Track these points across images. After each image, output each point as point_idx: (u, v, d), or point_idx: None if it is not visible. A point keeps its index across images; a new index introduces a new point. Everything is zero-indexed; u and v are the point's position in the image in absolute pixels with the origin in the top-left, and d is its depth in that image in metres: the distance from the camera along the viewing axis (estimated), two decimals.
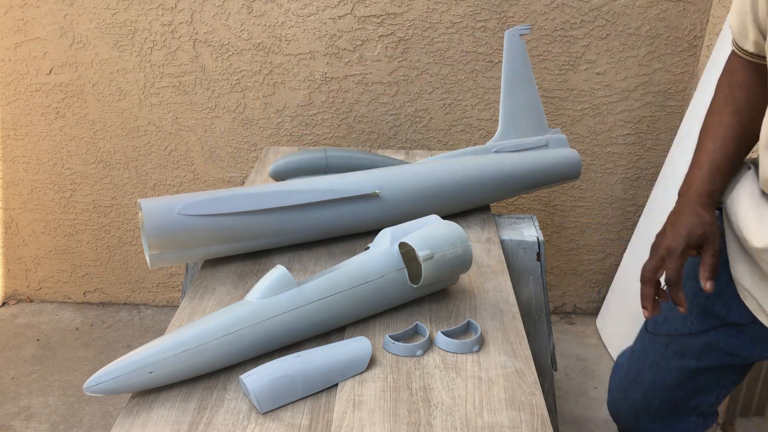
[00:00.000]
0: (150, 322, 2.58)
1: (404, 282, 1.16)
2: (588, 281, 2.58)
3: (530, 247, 1.50)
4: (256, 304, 1.05)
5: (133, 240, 2.57)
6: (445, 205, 1.51)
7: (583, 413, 2.09)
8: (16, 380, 2.23)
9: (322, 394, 1.01)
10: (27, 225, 2.57)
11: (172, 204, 1.26)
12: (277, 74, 2.29)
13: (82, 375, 2.27)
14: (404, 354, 1.08)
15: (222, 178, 2.46)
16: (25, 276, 2.67)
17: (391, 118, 2.33)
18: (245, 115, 2.35)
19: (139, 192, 2.49)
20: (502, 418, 0.95)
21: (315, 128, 2.36)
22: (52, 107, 2.38)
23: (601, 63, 2.23)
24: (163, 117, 2.37)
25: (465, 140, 2.35)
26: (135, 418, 0.96)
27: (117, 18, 2.24)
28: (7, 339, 2.45)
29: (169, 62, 2.29)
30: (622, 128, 2.32)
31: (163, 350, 0.98)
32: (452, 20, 2.19)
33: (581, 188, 2.42)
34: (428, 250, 1.13)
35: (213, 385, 1.02)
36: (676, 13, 2.16)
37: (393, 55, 2.24)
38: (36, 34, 2.28)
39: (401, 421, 0.94)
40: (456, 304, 1.23)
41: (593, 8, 2.16)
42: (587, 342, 2.44)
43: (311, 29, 2.22)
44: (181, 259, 1.30)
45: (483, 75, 2.26)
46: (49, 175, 2.48)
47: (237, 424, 0.94)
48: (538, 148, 1.66)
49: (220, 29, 2.24)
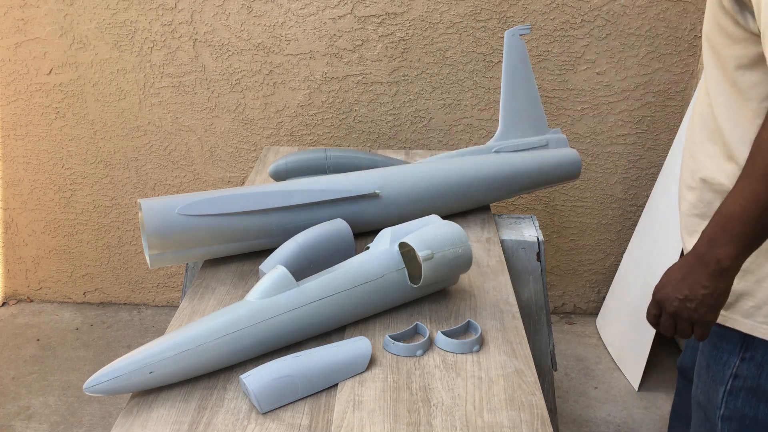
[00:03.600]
0: (150, 322, 2.58)
1: (404, 282, 1.16)
2: (588, 281, 2.58)
3: (530, 247, 1.50)
4: (256, 304, 1.05)
5: (133, 240, 2.57)
6: (445, 205, 1.51)
7: (583, 413, 2.09)
8: (16, 380, 2.23)
9: (322, 394, 1.00)
10: (27, 225, 2.57)
11: (172, 204, 1.26)
12: (277, 74, 2.29)
13: (82, 375, 2.27)
14: (404, 354, 1.08)
15: (222, 178, 2.46)
16: (25, 276, 2.67)
17: (391, 118, 2.33)
18: (245, 115, 2.35)
19: (139, 192, 2.49)
20: (502, 418, 0.95)
21: (315, 128, 2.36)
22: (52, 107, 2.38)
23: (601, 63, 2.23)
24: (163, 117, 2.37)
25: (465, 140, 2.35)
26: (135, 418, 0.96)
27: (117, 18, 2.24)
28: (7, 339, 2.45)
29: (169, 62, 2.29)
30: (622, 128, 2.32)
31: (163, 350, 0.98)
32: (452, 20, 2.19)
33: (581, 188, 2.42)
34: (428, 250, 1.13)
35: (213, 385, 1.02)
36: (676, 13, 2.16)
37: (393, 55, 2.24)
38: (36, 34, 2.28)
39: (401, 421, 0.94)
40: (456, 304, 1.23)
41: (593, 8, 2.16)
42: (587, 342, 2.44)
43: (311, 29, 2.22)
44: (181, 259, 1.30)
45: (483, 75, 2.26)
46: (49, 175, 2.48)
47: (237, 424, 0.94)
48: (538, 148, 1.66)
49: (220, 29, 2.24)
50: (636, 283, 2.23)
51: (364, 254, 1.17)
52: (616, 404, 2.12)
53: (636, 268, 2.26)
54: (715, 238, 0.96)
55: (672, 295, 1.01)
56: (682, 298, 1.00)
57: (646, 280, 2.15)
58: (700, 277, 0.98)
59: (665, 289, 1.03)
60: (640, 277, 2.19)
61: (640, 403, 2.12)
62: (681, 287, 1.00)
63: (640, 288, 2.18)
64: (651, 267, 2.14)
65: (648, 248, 2.19)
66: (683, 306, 1.00)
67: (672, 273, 1.03)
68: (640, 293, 2.18)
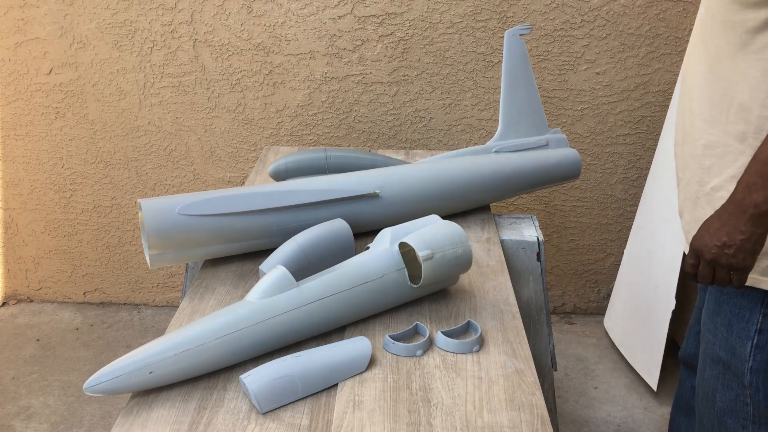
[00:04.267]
0: (150, 322, 2.58)
1: (404, 282, 1.16)
2: (588, 281, 2.58)
3: (530, 247, 1.50)
4: (256, 304, 1.05)
5: (133, 240, 2.57)
6: (445, 205, 1.51)
7: (583, 413, 2.09)
8: (16, 380, 2.23)
9: (322, 394, 1.01)
10: (27, 225, 2.57)
11: (172, 204, 1.26)
12: (277, 74, 2.29)
13: (82, 375, 2.27)
14: (404, 354, 1.08)
15: (222, 178, 2.46)
16: (25, 276, 2.67)
17: (391, 118, 2.33)
18: (245, 115, 2.35)
19: (139, 192, 2.49)
20: (502, 418, 0.95)
21: (315, 128, 2.36)
22: (52, 107, 2.38)
23: (601, 63, 2.23)
24: (163, 117, 2.37)
25: (465, 140, 2.35)
26: (135, 418, 0.96)
27: (117, 18, 2.24)
28: (7, 339, 2.45)
29: (169, 62, 2.29)
30: (622, 128, 2.32)
31: (163, 350, 0.98)
32: (452, 20, 2.19)
33: (581, 188, 2.42)
34: (428, 250, 1.13)
35: (213, 385, 1.02)
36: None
37: (393, 55, 2.24)
38: (36, 34, 2.28)
39: (401, 421, 0.94)
40: (456, 304, 1.23)
41: (593, 8, 2.16)
42: (587, 342, 2.44)
43: (311, 29, 2.22)
44: (181, 259, 1.30)
45: (483, 75, 2.26)
46: (49, 175, 2.48)
47: (237, 424, 0.94)
48: (538, 148, 1.66)
49: (220, 29, 2.24)
50: (640, 280, 2.22)
51: (364, 254, 1.17)
52: (616, 404, 2.12)
53: (637, 265, 2.26)
54: (753, 182, 1.00)
55: (710, 242, 1.05)
56: (721, 245, 1.04)
57: (650, 278, 2.14)
58: (738, 222, 1.02)
59: (703, 238, 1.07)
60: (644, 275, 2.19)
61: (640, 403, 2.12)
62: (719, 234, 1.04)
63: (645, 284, 2.17)
64: (653, 262, 2.13)
65: (648, 246, 2.19)
66: (722, 252, 1.04)
67: (710, 222, 1.07)
68: (645, 290, 2.17)
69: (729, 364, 1.20)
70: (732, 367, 1.20)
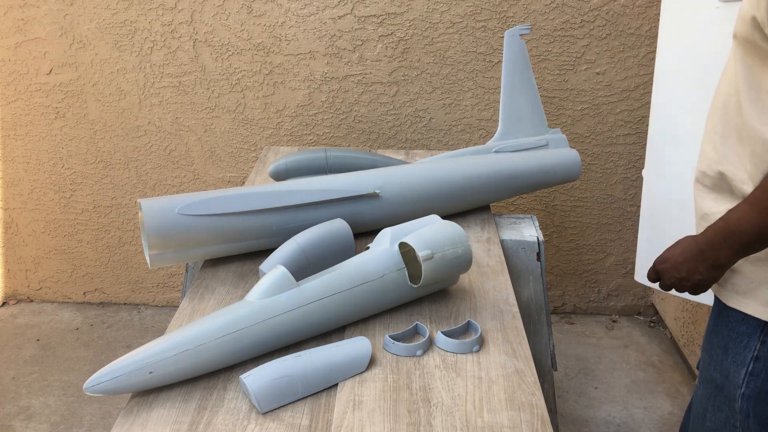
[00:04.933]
0: (150, 322, 2.58)
1: (404, 282, 1.16)
2: (588, 281, 2.58)
3: (530, 247, 1.50)
4: (256, 304, 1.05)
5: (133, 240, 2.57)
6: (445, 205, 1.51)
7: (583, 413, 2.09)
8: (16, 380, 2.23)
9: (322, 394, 1.00)
10: (27, 225, 2.57)
11: (172, 204, 1.26)
12: (277, 74, 2.29)
13: (82, 375, 2.27)
14: (404, 354, 1.08)
15: (222, 178, 2.46)
16: (25, 276, 2.67)
17: (391, 118, 2.33)
18: (245, 115, 2.35)
19: (139, 192, 2.49)
20: (502, 418, 0.95)
21: (315, 128, 2.36)
22: (52, 107, 2.38)
23: (601, 63, 2.23)
24: (163, 117, 2.37)
25: (465, 140, 2.35)
26: (135, 418, 0.96)
27: (117, 18, 2.24)
28: (7, 339, 2.45)
29: (169, 62, 2.29)
30: (622, 128, 2.32)
31: (163, 350, 0.98)
32: (452, 20, 2.19)
33: (581, 188, 2.42)
34: (428, 250, 1.13)
35: (213, 385, 1.02)
36: None
37: (393, 55, 2.24)
38: (36, 34, 2.28)
39: (401, 421, 0.94)
40: (456, 304, 1.23)
41: (593, 8, 2.16)
42: (587, 342, 2.44)
43: (311, 29, 2.22)
44: (181, 259, 1.30)
45: (483, 75, 2.26)
46: (49, 175, 2.48)
47: (237, 424, 0.94)
48: (538, 148, 1.66)
49: (220, 29, 2.24)
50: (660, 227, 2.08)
51: (364, 254, 1.17)
52: (616, 404, 2.12)
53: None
54: (717, 242, 1.06)
55: (671, 272, 1.14)
56: (680, 278, 1.13)
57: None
58: (698, 266, 1.10)
59: (666, 265, 1.15)
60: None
61: (640, 403, 2.12)
62: (680, 269, 1.12)
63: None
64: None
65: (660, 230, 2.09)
66: (680, 283, 1.14)
67: (675, 253, 1.14)
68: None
69: (722, 386, 1.19)
70: (724, 390, 1.19)
